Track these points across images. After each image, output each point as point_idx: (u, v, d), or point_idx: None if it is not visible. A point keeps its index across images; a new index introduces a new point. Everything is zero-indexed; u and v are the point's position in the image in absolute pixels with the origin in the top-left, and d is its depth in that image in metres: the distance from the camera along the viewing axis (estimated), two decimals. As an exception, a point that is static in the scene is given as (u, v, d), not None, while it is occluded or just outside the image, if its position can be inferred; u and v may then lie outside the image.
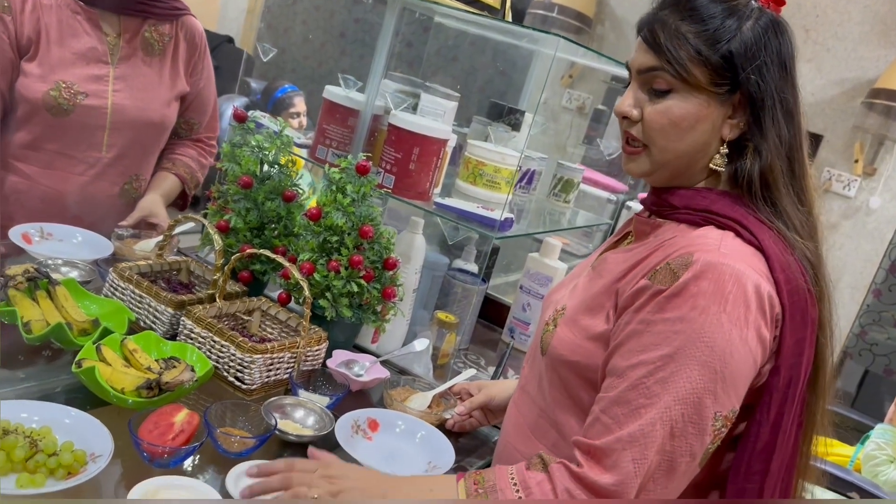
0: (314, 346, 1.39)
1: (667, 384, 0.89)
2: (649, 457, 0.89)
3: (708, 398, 0.89)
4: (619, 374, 0.94)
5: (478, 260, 2.01)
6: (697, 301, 0.89)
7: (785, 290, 0.93)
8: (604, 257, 1.10)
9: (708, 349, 0.88)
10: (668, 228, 1.03)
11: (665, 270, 0.93)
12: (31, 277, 1.29)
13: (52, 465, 0.94)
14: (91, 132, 1.69)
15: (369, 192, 1.49)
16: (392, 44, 1.76)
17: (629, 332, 0.94)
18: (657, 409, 0.89)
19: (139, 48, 1.74)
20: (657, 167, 1.02)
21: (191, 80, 1.86)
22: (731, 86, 0.96)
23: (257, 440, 1.11)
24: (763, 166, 0.97)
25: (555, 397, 1.07)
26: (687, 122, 0.97)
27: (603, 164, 2.74)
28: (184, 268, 1.56)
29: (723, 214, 0.97)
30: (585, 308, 1.04)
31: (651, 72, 0.98)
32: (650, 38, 0.97)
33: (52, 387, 1.17)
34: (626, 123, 1.02)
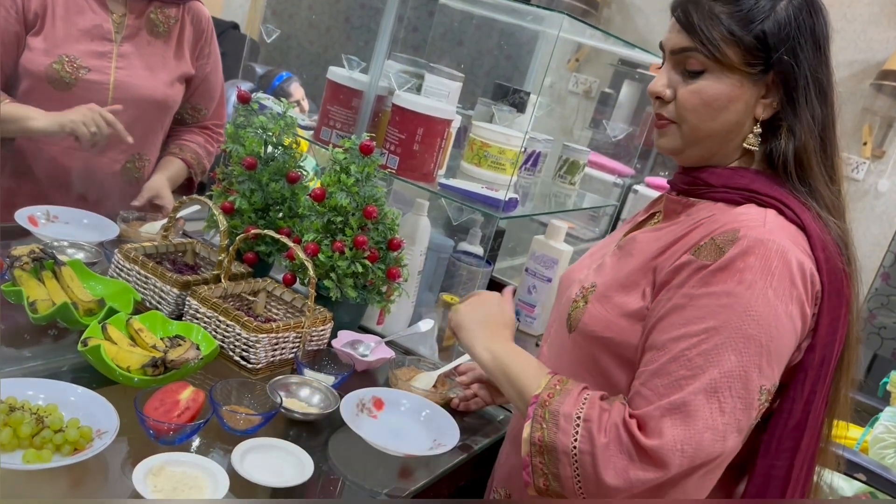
0: (319, 326, 1.39)
1: (710, 357, 0.89)
2: (696, 429, 0.88)
3: (754, 372, 0.89)
4: (659, 347, 0.93)
5: (483, 242, 2.00)
6: (744, 276, 0.89)
7: (825, 268, 0.94)
8: (632, 237, 1.10)
9: (754, 323, 0.88)
10: (703, 207, 1.02)
11: (710, 246, 0.93)
12: (36, 258, 1.30)
13: (59, 441, 0.95)
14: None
15: (373, 172, 1.48)
16: (396, 24, 1.75)
17: (671, 306, 0.94)
18: (701, 382, 0.89)
19: (144, 28, 1.75)
20: (688, 144, 1.02)
21: (197, 64, 1.86)
22: (764, 66, 0.96)
23: (263, 417, 1.11)
24: (797, 146, 0.98)
25: (581, 375, 1.06)
26: (720, 102, 0.97)
27: (609, 148, 2.73)
28: (189, 249, 1.56)
29: (764, 193, 0.97)
30: (619, 285, 1.04)
31: (684, 52, 0.98)
32: (683, 19, 0.98)
33: (59, 366, 1.18)
34: (658, 104, 1.03)
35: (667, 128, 1.02)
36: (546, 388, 0.98)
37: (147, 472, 0.95)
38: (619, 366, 1.03)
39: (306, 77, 4.17)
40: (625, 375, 1.02)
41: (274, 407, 1.14)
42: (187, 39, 1.82)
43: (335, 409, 1.21)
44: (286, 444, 1.10)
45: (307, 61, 4.68)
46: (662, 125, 1.03)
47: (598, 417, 0.92)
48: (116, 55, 1.71)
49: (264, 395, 1.17)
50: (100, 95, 1.69)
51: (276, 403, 1.14)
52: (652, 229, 1.09)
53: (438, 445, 1.20)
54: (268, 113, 1.63)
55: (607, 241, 1.21)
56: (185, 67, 1.83)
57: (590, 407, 0.93)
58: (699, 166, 1.05)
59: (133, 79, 1.73)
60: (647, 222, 1.14)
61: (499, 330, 1.16)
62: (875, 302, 3.44)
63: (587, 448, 0.90)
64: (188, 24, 1.82)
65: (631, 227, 1.16)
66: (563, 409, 0.94)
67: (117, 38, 1.71)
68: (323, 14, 4.74)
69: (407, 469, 1.19)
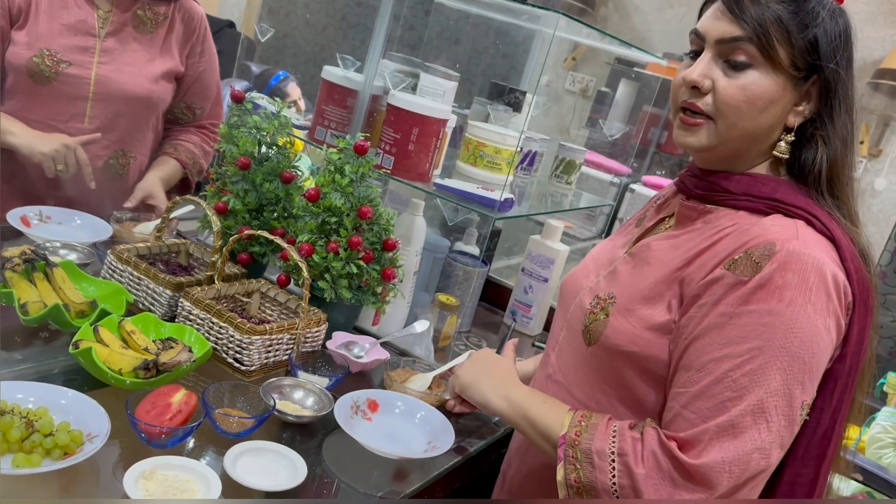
0: (313, 327, 1.38)
1: (755, 377, 0.88)
2: (743, 449, 0.88)
3: (797, 388, 0.89)
4: (699, 368, 0.91)
5: (479, 242, 2.00)
6: (784, 293, 0.88)
7: (855, 279, 0.93)
8: (645, 243, 1.07)
9: (798, 340, 0.88)
10: (722, 214, 1.01)
11: (745, 260, 0.91)
12: (28, 259, 1.29)
13: (49, 446, 0.94)
14: (73, 102, 1.69)
15: (368, 172, 1.47)
16: (392, 23, 1.74)
17: (707, 324, 0.92)
18: (747, 403, 0.88)
19: (129, 24, 1.74)
20: (719, 143, 0.98)
21: (188, 62, 1.85)
22: (808, 72, 0.95)
23: (256, 420, 1.10)
24: (831, 157, 0.97)
25: (601, 388, 1.05)
26: (762, 102, 0.95)
27: (606, 146, 2.72)
28: (182, 250, 1.55)
29: (790, 203, 0.96)
30: (641, 297, 1.01)
31: (734, 42, 0.94)
32: (737, 7, 0.94)
33: (50, 368, 1.16)
34: (691, 93, 0.98)
35: (700, 126, 0.98)
36: (571, 426, 0.97)
37: (138, 477, 0.94)
38: (644, 379, 1.01)
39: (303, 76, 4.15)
40: (649, 389, 1.00)
41: (267, 409, 1.13)
42: (176, 37, 1.81)
43: (329, 412, 1.20)
44: (279, 447, 1.09)
45: (304, 60, 4.67)
46: (696, 123, 0.98)
47: (633, 449, 0.91)
48: (99, 50, 1.70)
49: (257, 398, 1.16)
50: (80, 90, 1.68)
51: (269, 406, 1.14)
52: (666, 236, 1.06)
53: (433, 448, 1.19)
54: (262, 113, 1.62)
55: (612, 245, 1.18)
56: (173, 64, 1.81)
57: (621, 440, 0.93)
58: (717, 170, 1.02)
59: (115, 74, 1.71)
60: (658, 228, 1.11)
61: (506, 376, 1.16)
62: (872, 301, 3.44)
63: (627, 482, 0.90)
64: (178, 21, 1.81)
65: (640, 232, 1.13)
66: (594, 446, 0.93)
67: (101, 33, 1.70)
68: (319, 12, 4.73)
69: (402, 471, 1.19)
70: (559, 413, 1.01)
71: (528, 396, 1.08)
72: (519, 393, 1.09)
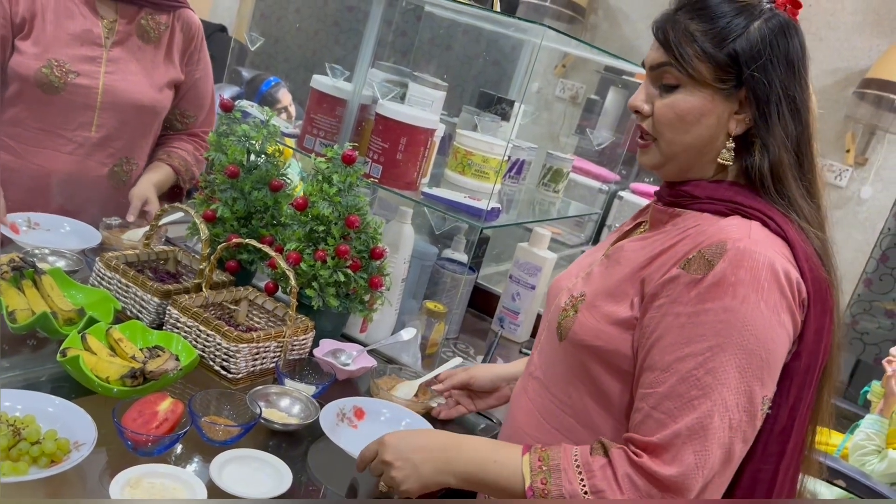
0: (300, 335, 1.39)
1: (717, 374, 0.91)
2: (711, 449, 0.91)
3: (756, 385, 0.92)
4: (664, 367, 0.94)
5: (467, 250, 2.01)
6: (738, 290, 0.91)
7: (809, 277, 0.96)
8: (619, 246, 1.11)
9: (753, 337, 0.91)
10: (688, 217, 1.04)
11: (698, 259, 0.95)
12: (16, 267, 1.29)
13: (35, 454, 0.95)
14: (81, 111, 1.71)
15: (356, 181, 1.49)
16: (380, 33, 1.75)
17: (668, 324, 0.95)
18: (712, 401, 0.91)
19: (134, 34, 1.76)
20: (667, 159, 1.05)
21: (186, 70, 1.87)
22: (735, 82, 0.99)
23: (242, 428, 1.11)
24: (772, 160, 1.00)
25: (572, 382, 1.08)
26: (692, 116, 1.00)
27: (594, 154, 2.74)
28: (171, 257, 1.56)
29: (747, 205, 1.00)
30: (607, 294, 1.05)
31: (660, 67, 1.02)
32: (661, 37, 1.02)
33: (37, 376, 1.17)
34: (638, 118, 1.06)
35: (647, 147, 1.06)
36: (533, 475, 0.97)
37: (125, 484, 0.95)
38: (609, 373, 1.04)
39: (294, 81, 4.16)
40: (614, 383, 1.03)
41: (253, 418, 1.14)
42: (177, 46, 1.83)
43: (315, 420, 1.21)
44: (265, 455, 1.10)
45: (295, 65, 4.68)
46: (644, 145, 1.06)
47: (604, 479, 0.93)
48: (106, 60, 1.72)
49: (244, 406, 1.17)
50: (88, 99, 1.70)
51: (255, 414, 1.15)
52: (639, 238, 1.11)
53: (417, 456, 1.20)
54: (251, 121, 1.63)
55: (596, 250, 1.22)
56: (175, 73, 1.84)
57: (590, 476, 0.94)
58: (682, 180, 1.07)
59: (122, 84, 1.73)
60: (634, 231, 1.16)
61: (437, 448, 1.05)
62: (858, 308, 3.47)
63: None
64: (178, 30, 1.83)
65: (618, 236, 1.18)
66: (564, 490, 0.94)
67: (107, 42, 1.72)
68: (311, 17, 4.74)
69: (386, 479, 1.20)
70: (513, 464, 0.99)
71: (472, 462, 1.02)
72: (461, 464, 1.03)
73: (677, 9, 1.03)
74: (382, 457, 1.05)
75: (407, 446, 1.05)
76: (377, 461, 1.06)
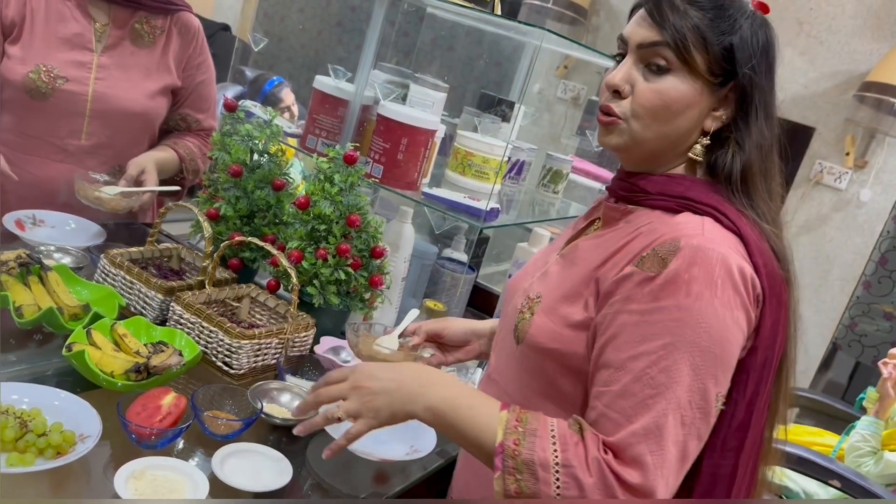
0: (302, 332, 1.41)
1: (671, 373, 0.90)
2: (667, 448, 0.90)
3: (710, 382, 0.91)
4: (618, 366, 0.93)
5: (467, 249, 2.03)
6: (691, 288, 0.90)
7: (763, 272, 0.95)
8: (574, 245, 1.10)
9: (707, 335, 0.90)
10: (640, 214, 1.03)
11: (652, 257, 0.94)
12: (23, 263, 1.32)
13: (42, 445, 0.97)
14: (70, 118, 1.68)
15: (357, 181, 1.51)
16: (382, 34, 1.77)
17: (622, 322, 0.94)
18: (666, 400, 0.90)
19: (127, 38, 1.73)
20: (634, 143, 1.01)
21: (183, 75, 1.83)
22: (724, 78, 0.98)
23: (243, 423, 1.14)
24: (744, 161, 0.99)
25: (530, 385, 1.07)
26: (679, 105, 0.97)
27: (595, 155, 2.76)
28: (175, 255, 1.58)
29: (699, 201, 0.99)
30: (562, 296, 1.04)
31: (653, 46, 0.97)
32: (657, 13, 0.97)
33: (43, 370, 1.20)
34: (611, 97, 1.00)
35: (615, 125, 1.01)
36: (507, 433, 0.93)
37: (128, 476, 0.98)
38: (566, 375, 1.03)
39: (297, 80, 4.18)
40: (572, 385, 1.03)
41: (255, 413, 1.17)
42: (173, 50, 1.79)
43: (314, 415, 1.23)
44: (266, 449, 1.12)
45: (298, 64, 4.70)
46: (610, 122, 1.00)
47: (576, 457, 0.90)
48: (96, 65, 1.68)
49: (246, 401, 1.19)
50: (77, 106, 1.67)
51: (256, 409, 1.17)
52: (593, 237, 1.09)
53: (415, 451, 1.22)
54: (254, 121, 1.65)
55: (551, 248, 1.20)
56: (170, 79, 1.80)
57: (563, 449, 0.91)
58: (637, 172, 1.05)
59: (112, 90, 1.70)
60: (588, 229, 1.14)
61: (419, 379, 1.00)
62: (857, 310, 3.49)
63: (574, 493, 0.89)
64: (175, 34, 1.79)
65: (573, 233, 1.17)
66: (536, 456, 0.91)
67: (98, 47, 1.69)
68: (314, 17, 4.76)
69: (384, 474, 1.22)
70: (490, 418, 0.95)
71: (445, 401, 0.97)
72: (434, 398, 0.97)
73: None
74: (355, 381, 0.98)
75: (382, 372, 1.00)
76: (345, 386, 0.99)
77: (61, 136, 1.69)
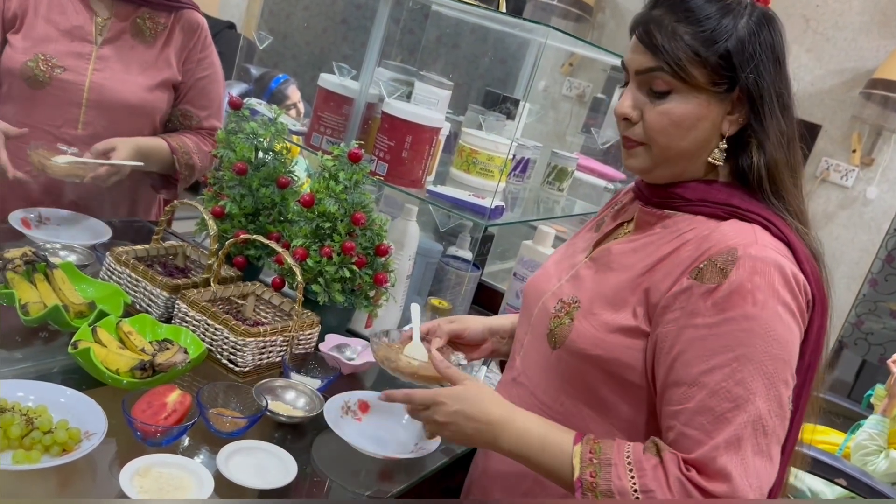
0: (306, 330, 1.42)
1: (747, 384, 0.90)
2: (750, 458, 0.90)
3: (783, 387, 0.92)
4: (691, 382, 0.92)
5: (471, 247, 2.03)
6: (756, 297, 0.91)
7: (812, 278, 0.97)
8: (606, 249, 1.10)
9: (775, 342, 0.91)
10: (679, 220, 1.03)
11: (710, 267, 0.94)
12: (29, 261, 1.32)
13: (48, 443, 0.98)
14: (67, 107, 1.70)
15: (361, 179, 1.51)
16: (386, 32, 1.77)
17: (689, 337, 0.93)
18: (746, 412, 0.90)
19: (128, 32, 1.75)
20: (658, 163, 1.02)
21: (184, 69, 1.84)
22: (729, 83, 0.97)
23: (248, 420, 1.14)
24: (768, 160, 1.00)
25: (566, 390, 1.07)
26: (688, 122, 0.98)
27: (600, 153, 2.76)
28: (180, 253, 1.58)
29: (745, 208, 0.99)
30: (605, 301, 1.04)
31: (650, 73, 0.98)
32: (646, 39, 0.98)
33: (49, 367, 1.20)
34: (624, 125, 1.03)
35: (635, 148, 1.03)
36: (583, 466, 0.95)
37: (134, 473, 0.98)
38: (607, 382, 1.03)
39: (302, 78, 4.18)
40: (609, 390, 1.03)
41: (260, 410, 1.17)
42: (175, 46, 1.81)
43: (319, 412, 1.23)
44: (271, 447, 1.12)
45: (303, 62, 4.71)
46: (631, 146, 1.03)
47: (655, 479, 0.91)
48: (95, 57, 1.71)
49: (250, 399, 1.20)
50: (74, 95, 1.70)
51: (261, 406, 1.17)
52: (626, 240, 1.09)
53: (420, 449, 1.22)
54: (259, 119, 1.65)
55: (571, 251, 1.19)
56: (170, 73, 1.81)
57: (641, 475, 0.92)
58: (670, 182, 1.05)
59: (109, 82, 1.72)
60: (617, 233, 1.13)
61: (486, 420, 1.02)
62: (863, 307, 3.48)
63: None
64: (178, 31, 1.81)
65: (599, 237, 1.15)
66: (614, 486, 0.92)
67: (98, 40, 1.72)
68: (319, 15, 4.76)
69: (390, 471, 1.22)
70: (563, 455, 0.97)
71: (520, 444, 1.00)
72: (508, 442, 1.01)
73: (653, 6, 0.99)
74: (434, 416, 1.04)
75: (460, 414, 1.02)
76: (428, 415, 1.05)
77: (58, 125, 1.72)
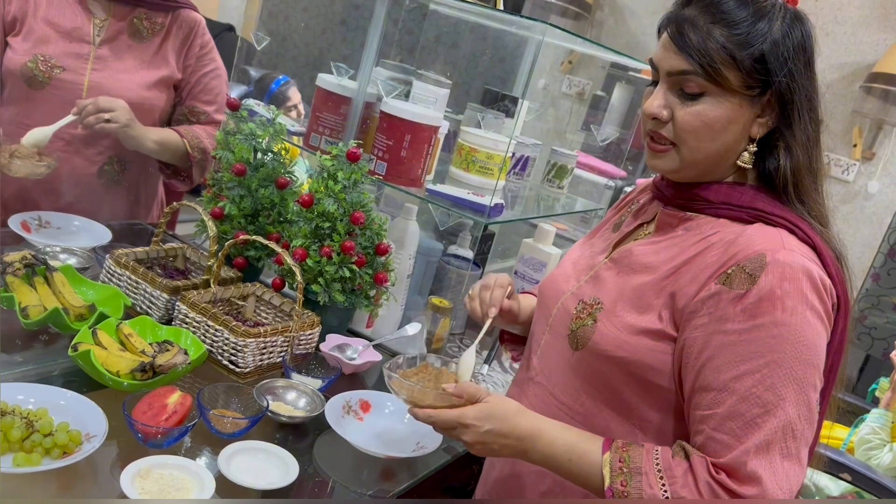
0: (307, 330, 1.41)
1: (777, 390, 0.90)
2: (780, 462, 0.90)
3: (812, 391, 0.92)
4: (720, 388, 0.93)
5: (472, 245, 2.03)
6: (786, 303, 0.91)
7: (837, 281, 0.97)
8: (627, 250, 1.09)
9: (805, 347, 0.91)
10: (702, 222, 1.03)
11: (738, 273, 0.93)
12: (28, 264, 1.32)
13: (48, 445, 0.97)
14: (66, 107, 1.69)
15: (360, 178, 1.51)
16: (384, 32, 1.77)
17: (719, 343, 0.93)
18: (777, 417, 0.90)
19: (125, 32, 1.77)
20: (686, 165, 1.01)
21: (184, 66, 1.86)
22: (762, 87, 0.97)
23: (249, 421, 1.14)
24: (794, 164, 0.99)
25: (587, 391, 1.06)
26: (720, 125, 0.97)
27: (600, 150, 2.76)
28: (180, 254, 1.58)
29: (770, 212, 0.99)
30: (628, 303, 1.03)
31: (683, 75, 0.97)
32: (680, 40, 0.96)
33: (50, 370, 1.20)
34: (653, 123, 1.01)
35: (664, 151, 1.01)
36: (613, 476, 0.95)
37: (135, 475, 0.98)
38: (630, 384, 1.03)
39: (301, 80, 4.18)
40: (632, 392, 1.03)
41: (261, 410, 1.17)
42: (172, 44, 1.83)
43: (321, 412, 1.23)
44: (272, 447, 1.12)
45: (302, 63, 4.71)
46: (661, 149, 1.02)
47: (685, 484, 0.92)
48: (93, 57, 1.73)
49: (251, 399, 1.20)
50: (73, 95, 1.71)
51: (262, 407, 1.17)
52: (647, 242, 1.08)
53: (421, 448, 1.22)
54: (258, 119, 1.65)
55: (590, 251, 1.18)
56: (168, 71, 1.82)
57: (671, 480, 0.92)
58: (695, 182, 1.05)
59: (108, 81, 1.74)
60: (637, 233, 1.13)
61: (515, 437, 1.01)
62: (866, 302, 3.47)
63: None
64: (175, 30, 1.83)
65: (619, 238, 1.15)
66: (645, 494, 0.93)
67: (96, 40, 1.74)
68: (318, 16, 4.76)
69: (391, 471, 1.22)
70: (593, 466, 0.97)
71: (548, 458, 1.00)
72: (537, 456, 1.01)
73: (685, 5, 0.98)
74: (463, 438, 1.02)
75: (490, 433, 1.00)
76: (455, 435, 1.03)
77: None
